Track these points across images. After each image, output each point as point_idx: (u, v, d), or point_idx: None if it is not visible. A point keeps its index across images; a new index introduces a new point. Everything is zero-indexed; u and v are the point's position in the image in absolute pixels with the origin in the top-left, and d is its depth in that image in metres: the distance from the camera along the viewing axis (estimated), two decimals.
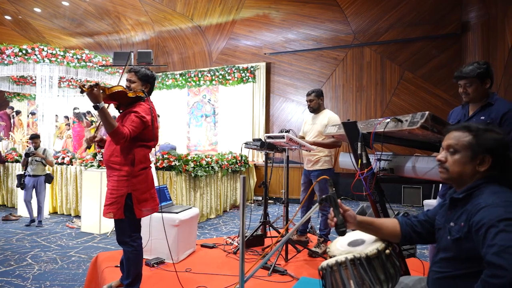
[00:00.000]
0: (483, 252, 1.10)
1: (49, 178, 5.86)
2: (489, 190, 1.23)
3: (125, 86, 2.50)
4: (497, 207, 1.14)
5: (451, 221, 1.32)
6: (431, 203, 4.58)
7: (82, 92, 2.17)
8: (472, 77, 2.21)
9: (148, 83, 2.54)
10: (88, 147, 2.52)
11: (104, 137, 2.69)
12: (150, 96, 2.58)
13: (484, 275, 1.07)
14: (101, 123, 2.24)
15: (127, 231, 2.39)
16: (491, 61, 6.26)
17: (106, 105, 2.27)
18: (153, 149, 2.59)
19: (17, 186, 5.72)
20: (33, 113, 10.56)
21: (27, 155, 5.64)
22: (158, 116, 9.44)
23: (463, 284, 1.23)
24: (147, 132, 2.43)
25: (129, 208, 2.35)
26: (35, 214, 5.84)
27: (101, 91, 2.23)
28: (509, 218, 1.08)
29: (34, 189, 5.73)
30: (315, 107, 3.73)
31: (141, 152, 2.42)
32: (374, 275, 1.32)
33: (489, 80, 2.22)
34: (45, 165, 5.82)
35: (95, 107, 2.19)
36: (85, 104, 11.12)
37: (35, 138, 5.79)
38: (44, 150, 5.84)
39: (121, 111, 2.50)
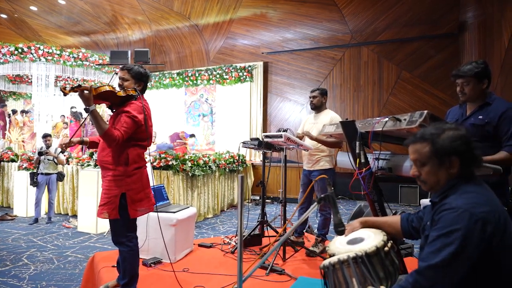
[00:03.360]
0: (424, 250, 1.25)
1: (60, 176, 6.02)
2: (460, 190, 1.25)
3: (118, 85, 2.46)
4: (456, 213, 1.17)
5: (428, 220, 1.37)
6: (427, 202, 4.60)
7: (65, 95, 2.15)
8: (470, 76, 2.22)
9: (142, 81, 2.49)
10: (62, 152, 2.44)
11: (85, 138, 2.64)
12: (144, 95, 2.54)
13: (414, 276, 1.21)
14: (83, 124, 2.22)
15: (123, 231, 2.38)
16: (488, 60, 6.25)
17: (96, 107, 2.23)
18: (148, 148, 2.56)
19: (30, 184, 5.86)
20: (27, 112, 10.50)
21: (40, 153, 5.78)
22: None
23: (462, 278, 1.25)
24: (140, 132, 2.39)
25: (124, 208, 2.32)
26: (42, 213, 6.05)
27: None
28: (455, 230, 1.15)
29: (46, 187, 5.92)
30: (318, 105, 3.71)
31: (134, 151, 2.39)
32: (374, 273, 1.32)
33: (487, 80, 2.22)
34: (57, 164, 5.98)
35: (86, 110, 2.18)
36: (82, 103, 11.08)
37: (47, 136, 5.93)
38: (56, 149, 6.01)
39: (114, 110, 2.45)
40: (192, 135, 9.90)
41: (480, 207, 1.16)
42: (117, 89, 2.38)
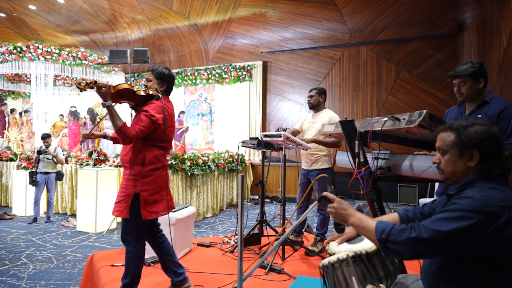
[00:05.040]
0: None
1: (59, 175, 6.03)
2: (479, 185, 1.25)
3: (143, 86, 2.50)
4: (470, 200, 1.17)
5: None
6: (426, 201, 4.61)
7: (80, 90, 2.18)
8: (466, 76, 2.23)
9: (165, 81, 2.51)
10: (81, 142, 2.47)
11: (109, 133, 2.66)
12: (170, 96, 2.56)
13: (413, 226, 1.19)
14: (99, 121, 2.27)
15: (132, 231, 2.36)
16: (486, 60, 6.29)
17: (113, 103, 2.27)
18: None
19: (29, 183, 5.86)
20: (26, 111, 10.49)
21: (39, 152, 5.80)
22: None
23: (450, 273, 1.25)
24: (159, 132, 2.38)
25: (136, 208, 2.31)
26: (41, 212, 6.05)
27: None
28: (468, 210, 1.15)
29: (45, 186, 5.91)
30: (315, 104, 3.72)
31: (152, 152, 2.38)
32: (374, 272, 1.32)
33: (483, 79, 2.23)
34: (56, 163, 6.00)
35: (103, 105, 2.22)
36: (81, 102, 11.06)
37: (46, 137, 5.93)
38: (55, 148, 6.04)
39: (137, 110, 2.48)
40: (181, 112, 9.79)
41: (496, 201, 1.16)
42: (137, 88, 2.40)
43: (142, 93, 2.37)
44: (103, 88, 2.18)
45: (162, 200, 2.43)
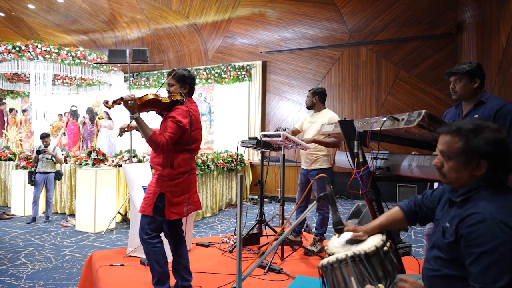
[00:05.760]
0: (469, 268, 1.15)
1: (58, 175, 6.02)
2: (487, 195, 1.20)
3: (166, 91, 2.54)
4: (493, 225, 1.11)
5: (446, 220, 1.30)
6: None
7: (109, 108, 2.30)
8: (461, 73, 2.25)
9: (186, 83, 2.52)
10: (120, 135, 2.50)
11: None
12: (193, 96, 2.58)
13: None
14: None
15: (147, 229, 2.39)
16: (485, 60, 6.30)
17: (140, 114, 2.32)
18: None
19: (28, 183, 5.85)
20: (24, 110, 10.47)
21: (38, 152, 5.80)
22: None
23: (456, 284, 1.22)
24: (186, 136, 2.40)
25: (158, 208, 2.35)
26: (40, 212, 6.04)
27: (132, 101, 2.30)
28: (498, 245, 1.08)
29: (44, 186, 5.90)
30: (309, 104, 3.78)
31: (180, 156, 2.40)
32: (373, 272, 1.32)
33: (478, 80, 2.25)
34: (55, 163, 6.00)
35: (131, 117, 2.29)
36: (81, 102, 11.04)
37: (45, 137, 5.94)
38: (54, 148, 6.05)
39: (164, 116, 2.51)
40: None
41: (511, 215, 1.12)
42: (161, 95, 2.43)
43: (167, 99, 2.40)
44: (130, 102, 2.24)
45: (185, 202, 2.45)
